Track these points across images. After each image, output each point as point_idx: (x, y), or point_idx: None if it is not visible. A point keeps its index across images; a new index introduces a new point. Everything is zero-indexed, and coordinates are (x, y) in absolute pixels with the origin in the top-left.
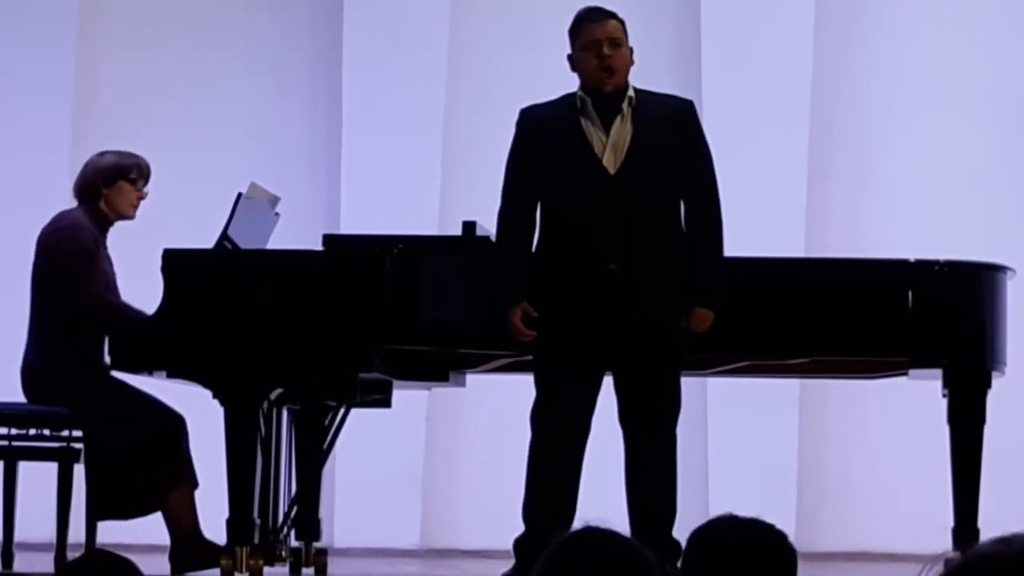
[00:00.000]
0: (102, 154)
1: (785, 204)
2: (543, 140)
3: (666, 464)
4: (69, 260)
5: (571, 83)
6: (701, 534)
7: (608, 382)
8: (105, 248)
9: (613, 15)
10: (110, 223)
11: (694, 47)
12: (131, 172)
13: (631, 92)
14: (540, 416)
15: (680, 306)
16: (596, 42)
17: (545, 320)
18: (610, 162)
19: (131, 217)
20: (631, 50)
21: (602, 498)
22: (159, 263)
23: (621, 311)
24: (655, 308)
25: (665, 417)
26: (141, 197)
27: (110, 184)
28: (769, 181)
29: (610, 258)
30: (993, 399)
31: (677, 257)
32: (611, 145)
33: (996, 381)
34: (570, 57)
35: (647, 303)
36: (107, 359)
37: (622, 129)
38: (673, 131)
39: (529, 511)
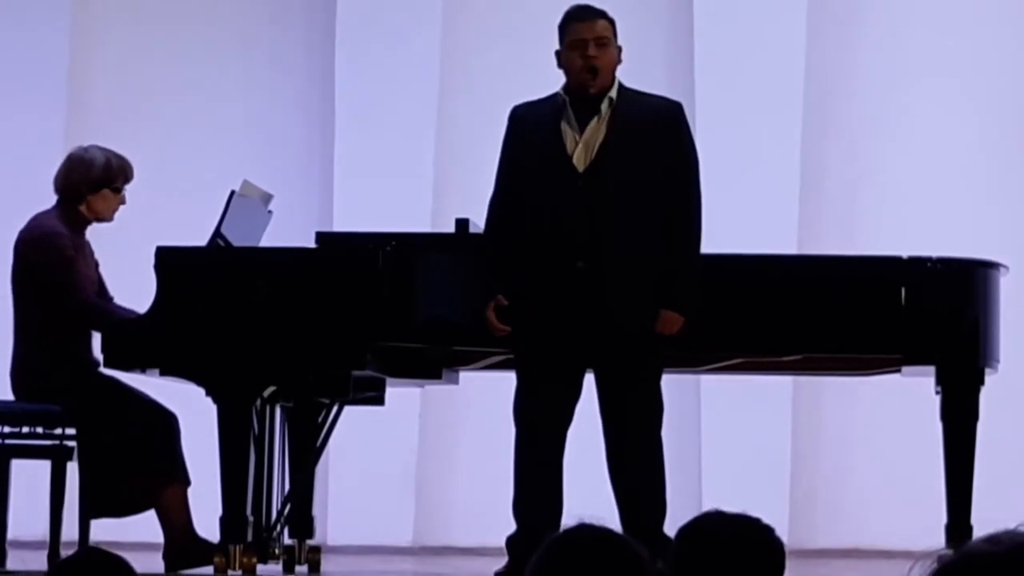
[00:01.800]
0: (86, 149)
1: (778, 201)
2: (525, 137)
3: (649, 461)
4: (50, 270)
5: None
6: (688, 529)
7: (591, 380)
8: (86, 248)
9: (602, 14)
10: (88, 223)
11: (687, 45)
12: (117, 180)
13: (613, 92)
14: (517, 413)
15: (652, 309)
16: (582, 42)
17: (519, 317)
18: (580, 160)
19: (109, 220)
20: (620, 49)
21: (596, 495)
22: (152, 260)
23: (589, 309)
24: (624, 307)
25: (644, 415)
26: (122, 202)
27: (95, 191)
28: (762, 178)
29: (578, 256)
30: (986, 396)
31: (651, 257)
32: (583, 144)
33: (989, 378)
34: (557, 54)
35: (615, 302)
36: (98, 357)
37: (596, 129)
38: (654, 132)
39: (517, 509)
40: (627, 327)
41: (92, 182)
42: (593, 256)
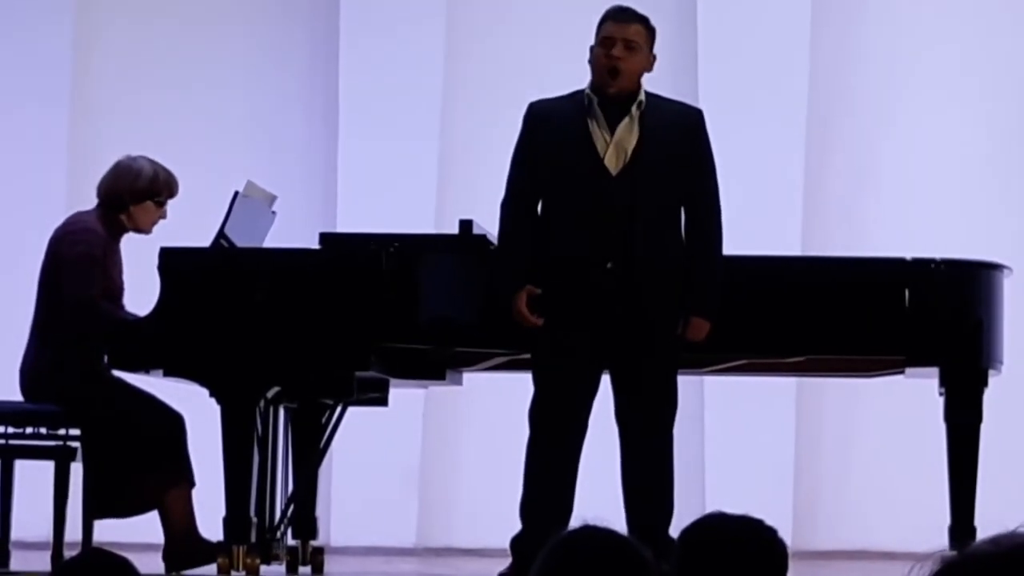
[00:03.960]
0: (135, 159)
1: (782, 202)
2: (548, 136)
3: (663, 463)
4: (73, 262)
5: (570, 81)
6: (691, 531)
7: (605, 380)
8: (117, 254)
9: (639, 18)
10: (125, 231)
11: (690, 44)
12: (161, 194)
13: (641, 96)
14: (537, 414)
15: (679, 311)
16: (610, 40)
17: (544, 317)
18: (612, 163)
19: (148, 233)
20: (654, 57)
21: (600, 497)
22: (156, 261)
23: (618, 310)
24: (653, 309)
25: (661, 417)
26: (162, 217)
27: (138, 201)
28: (766, 179)
29: (608, 258)
30: (990, 397)
31: (676, 261)
32: (614, 145)
33: (992, 379)
34: (592, 50)
35: (645, 304)
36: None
37: (628, 131)
38: (680, 139)
39: (526, 509)
40: (656, 328)
41: (137, 192)
42: (623, 258)
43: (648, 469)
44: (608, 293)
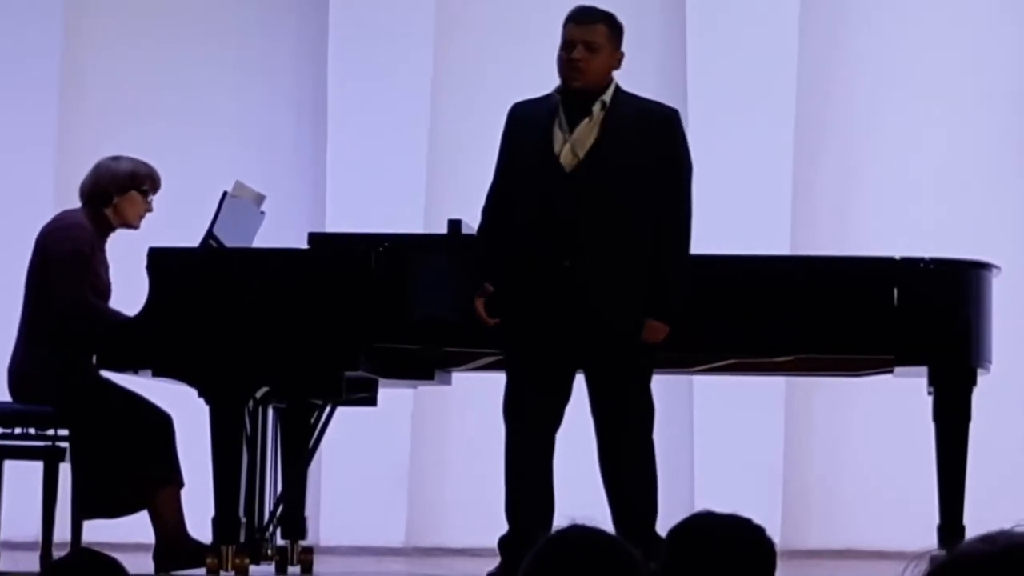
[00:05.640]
0: (116, 159)
1: (771, 202)
2: (519, 137)
3: (641, 462)
4: (61, 260)
5: (558, 81)
6: (679, 530)
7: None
8: (103, 253)
9: (602, 18)
10: (112, 229)
11: (679, 45)
12: (144, 184)
13: (607, 96)
14: (506, 412)
15: (641, 311)
16: (571, 43)
17: (508, 316)
18: (567, 160)
19: (136, 227)
20: (622, 55)
21: (588, 495)
22: (144, 262)
23: (575, 309)
24: (609, 307)
25: (634, 417)
26: (149, 209)
27: (122, 192)
28: (755, 178)
29: (564, 255)
30: (978, 396)
31: (638, 260)
32: (571, 144)
33: (981, 378)
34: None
35: (600, 303)
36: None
37: (587, 129)
38: (647, 137)
39: (508, 509)
40: (613, 327)
41: (120, 183)
42: (579, 255)
43: (626, 469)
44: (566, 290)
